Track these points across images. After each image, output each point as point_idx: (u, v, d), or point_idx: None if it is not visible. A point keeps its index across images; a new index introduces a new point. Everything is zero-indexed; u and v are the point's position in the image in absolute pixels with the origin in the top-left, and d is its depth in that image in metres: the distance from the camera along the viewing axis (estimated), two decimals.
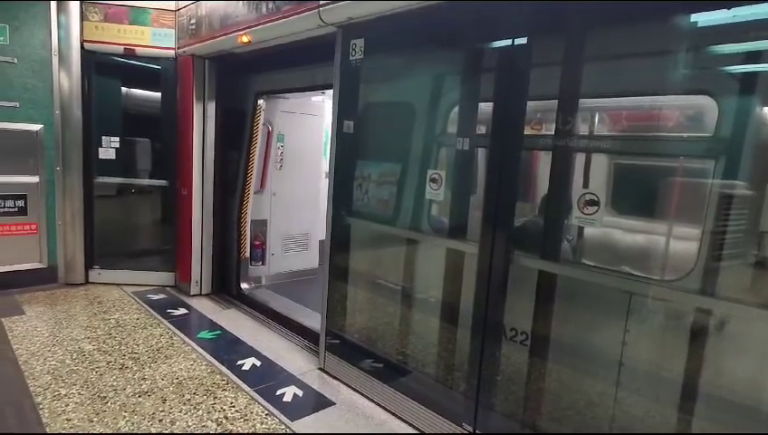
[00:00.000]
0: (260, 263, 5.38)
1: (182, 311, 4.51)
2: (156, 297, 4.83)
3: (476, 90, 2.71)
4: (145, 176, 5.30)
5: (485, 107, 2.56)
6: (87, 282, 5.07)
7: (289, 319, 4.34)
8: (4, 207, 4.60)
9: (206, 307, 4.68)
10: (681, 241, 2.16)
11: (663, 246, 2.25)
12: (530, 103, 2.52)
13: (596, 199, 2.10)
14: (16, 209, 4.66)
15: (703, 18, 2.03)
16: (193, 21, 4.46)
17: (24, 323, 3.94)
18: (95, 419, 2.71)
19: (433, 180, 2.79)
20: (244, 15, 3.77)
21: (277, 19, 3.43)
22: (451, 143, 2.94)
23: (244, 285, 5.10)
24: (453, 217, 2.88)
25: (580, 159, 2.47)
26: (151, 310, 4.44)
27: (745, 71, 2.03)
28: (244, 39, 3.83)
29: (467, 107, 2.79)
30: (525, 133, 2.48)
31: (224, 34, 4.02)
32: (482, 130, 2.66)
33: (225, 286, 5.12)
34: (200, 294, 4.97)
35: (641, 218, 2.46)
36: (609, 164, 2.49)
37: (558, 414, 2.50)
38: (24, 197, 4.69)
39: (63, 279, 4.99)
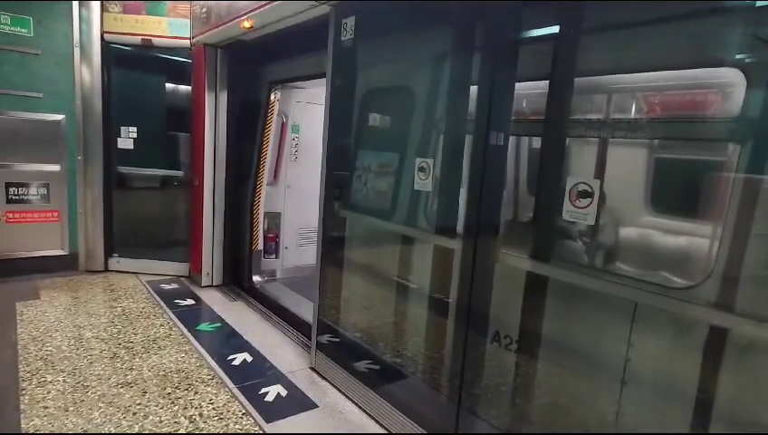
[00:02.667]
0: (273, 256, 5.30)
1: (189, 302, 4.49)
2: (168, 287, 4.85)
3: (468, 73, 2.42)
4: (163, 166, 5.34)
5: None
6: (106, 270, 5.18)
7: (292, 314, 4.21)
8: (28, 194, 4.75)
9: (215, 299, 4.64)
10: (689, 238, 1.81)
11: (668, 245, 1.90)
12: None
13: (589, 190, 1.79)
14: (39, 197, 4.81)
15: None
16: (204, 9, 4.41)
17: (35, 308, 4.03)
18: (71, 408, 2.67)
19: (421, 169, 2.54)
20: (245, 1, 3.66)
21: (274, 0, 3.29)
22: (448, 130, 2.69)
23: (256, 278, 5.04)
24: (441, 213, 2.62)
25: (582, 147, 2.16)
26: (159, 300, 4.45)
27: None
28: (246, 24, 3.72)
29: (459, 91, 2.51)
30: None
31: (228, 21, 3.94)
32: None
33: (237, 279, 5.07)
34: (211, 286, 4.94)
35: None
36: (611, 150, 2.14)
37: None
38: (46, 185, 4.83)
39: (84, 266, 5.12)
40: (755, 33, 1.76)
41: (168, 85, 5.29)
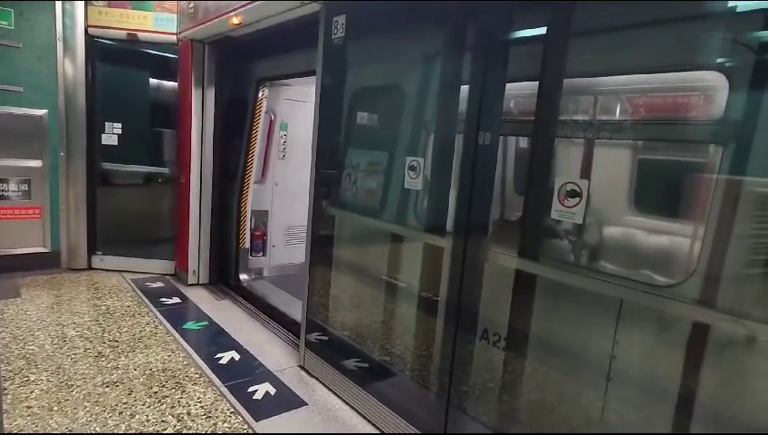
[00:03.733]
0: (260, 254, 5.28)
1: (175, 300, 4.44)
2: (153, 285, 4.79)
3: (459, 72, 2.45)
4: (148, 163, 5.26)
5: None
6: (89, 268, 5.10)
7: (280, 312, 4.20)
8: (9, 190, 4.65)
9: (201, 297, 4.60)
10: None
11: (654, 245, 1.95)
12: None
13: (578, 190, 1.83)
14: (20, 193, 4.71)
15: None
16: (191, 5, 4.36)
17: (16, 307, 3.95)
18: (55, 407, 2.63)
19: (411, 168, 2.56)
20: None
21: None
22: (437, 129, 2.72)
23: (243, 276, 5.01)
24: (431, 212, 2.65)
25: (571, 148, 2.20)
26: (145, 298, 4.40)
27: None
28: (235, 20, 3.69)
29: (451, 91, 2.54)
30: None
31: (217, 17, 3.90)
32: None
33: (224, 277, 5.04)
34: (197, 284, 4.90)
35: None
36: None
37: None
38: (27, 181, 4.73)
39: (66, 264, 5.03)
40: (737, 38, 1.82)
41: (154, 81, 5.22)
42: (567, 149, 2.08)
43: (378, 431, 2.64)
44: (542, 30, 2.07)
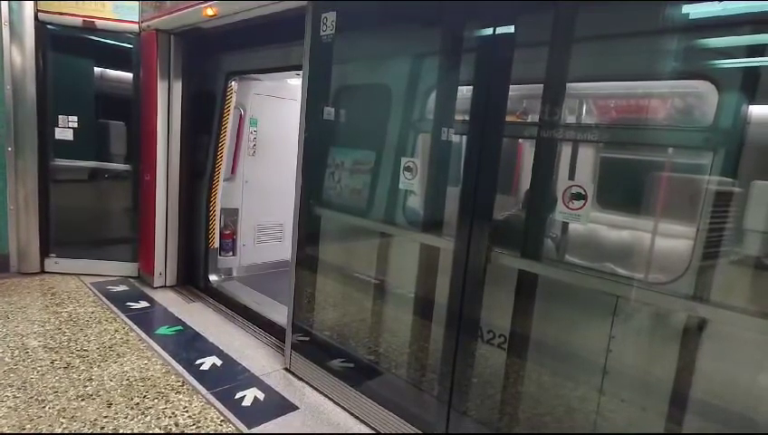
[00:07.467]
0: (230, 253, 5.11)
1: (143, 304, 4.23)
2: (116, 289, 4.53)
3: (456, 71, 2.46)
4: (107, 159, 4.95)
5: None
6: (42, 271, 4.75)
7: (257, 314, 4.09)
8: None
9: (170, 300, 4.41)
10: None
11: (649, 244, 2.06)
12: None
13: (583, 193, 1.89)
14: None
15: None
16: None
17: None
18: (28, 425, 2.44)
19: (407, 169, 2.56)
20: None
21: None
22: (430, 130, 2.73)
23: (212, 277, 4.83)
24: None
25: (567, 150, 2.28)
26: (109, 303, 4.15)
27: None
28: (209, 12, 3.54)
29: (445, 91, 2.55)
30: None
31: (187, 7, 3.72)
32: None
33: (192, 278, 4.84)
34: (164, 287, 4.68)
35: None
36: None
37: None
38: None
39: (16, 268, 4.66)
40: (722, 48, 1.94)
41: (114, 72, 4.90)
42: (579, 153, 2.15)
43: (374, 432, 2.64)
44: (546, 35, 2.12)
